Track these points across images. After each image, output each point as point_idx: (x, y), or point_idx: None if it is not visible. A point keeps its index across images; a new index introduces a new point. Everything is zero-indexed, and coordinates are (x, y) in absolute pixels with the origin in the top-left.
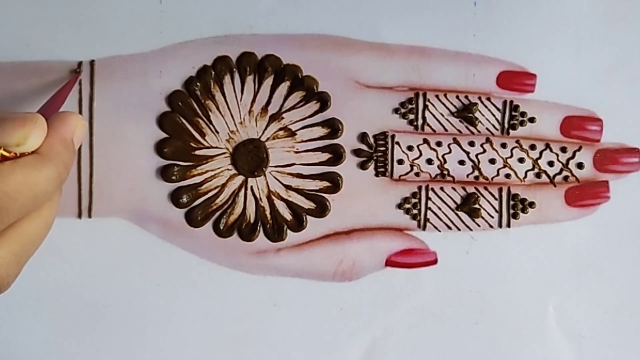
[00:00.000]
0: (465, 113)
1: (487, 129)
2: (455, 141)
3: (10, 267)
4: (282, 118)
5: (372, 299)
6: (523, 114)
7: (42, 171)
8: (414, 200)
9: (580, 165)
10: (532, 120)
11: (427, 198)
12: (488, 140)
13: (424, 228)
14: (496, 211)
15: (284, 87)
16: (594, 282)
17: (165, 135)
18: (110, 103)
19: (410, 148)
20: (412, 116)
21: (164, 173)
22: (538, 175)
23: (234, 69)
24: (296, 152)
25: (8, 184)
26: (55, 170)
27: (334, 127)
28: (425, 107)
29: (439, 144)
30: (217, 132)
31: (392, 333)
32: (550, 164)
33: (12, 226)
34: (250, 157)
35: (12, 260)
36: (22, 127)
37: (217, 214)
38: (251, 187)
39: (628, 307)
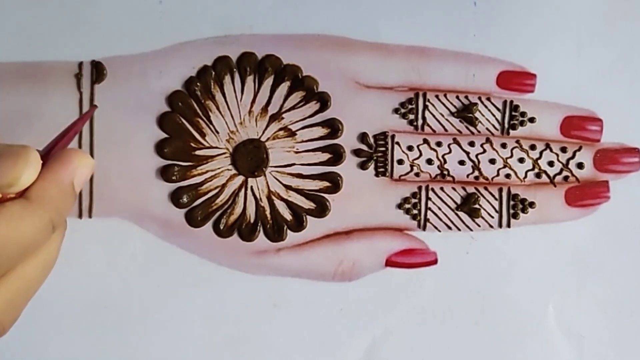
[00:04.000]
0: (465, 113)
1: (487, 129)
2: (455, 141)
3: (7, 313)
4: (282, 118)
5: (372, 299)
6: (523, 114)
7: (28, 220)
8: (414, 200)
9: (580, 165)
10: (532, 120)
11: (427, 198)
12: (488, 140)
13: (424, 228)
14: (496, 211)
15: (284, 87)
16: (594, 282)
17: (165, 136)
18: (111, 103)
19: (410, 148)
20: (412, 116)
21: (164, 173)
22: (538, 175)
23: (234, 69)
24: (296, 152)
25: None
26: (45, 218)
27: (334, 127)
28: (425, 107)
29: (439, 144)
30: (217, 132)
31: (392, 333)
32: (550, 164)
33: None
34: (250, 157)
35: (8, 306)
36: (14, 167)
37: (217, 214)
38: (251, 187)
39: (628, 307)
